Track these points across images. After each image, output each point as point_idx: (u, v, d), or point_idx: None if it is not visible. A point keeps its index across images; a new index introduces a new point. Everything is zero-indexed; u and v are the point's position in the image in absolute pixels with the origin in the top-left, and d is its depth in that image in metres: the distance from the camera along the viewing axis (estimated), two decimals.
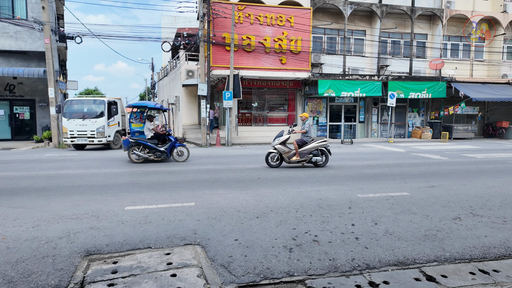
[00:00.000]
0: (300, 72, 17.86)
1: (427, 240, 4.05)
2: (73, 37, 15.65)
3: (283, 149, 9.37)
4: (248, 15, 17.01)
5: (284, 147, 9.42)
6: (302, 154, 9.38)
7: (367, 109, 20.90)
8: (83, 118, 13.74)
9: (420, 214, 5.05)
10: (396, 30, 20.72)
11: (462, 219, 4.83)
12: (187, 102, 22.47)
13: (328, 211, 5.16)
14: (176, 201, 5.76)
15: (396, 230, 4.37)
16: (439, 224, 4.61)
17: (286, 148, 9.46)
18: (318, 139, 9.67)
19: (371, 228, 4.43)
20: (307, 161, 9.43)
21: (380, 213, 5.10)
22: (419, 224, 4.60)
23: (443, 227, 4.49)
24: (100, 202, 5.67)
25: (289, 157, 9.38)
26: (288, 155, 9.38)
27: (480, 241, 4.05)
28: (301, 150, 9.39)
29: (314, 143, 9.46)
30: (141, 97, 61.52)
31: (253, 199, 5.89)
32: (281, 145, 9.41)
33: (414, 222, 4.71)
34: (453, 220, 4.81)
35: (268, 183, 7.32)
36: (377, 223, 4.65)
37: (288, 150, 9.42)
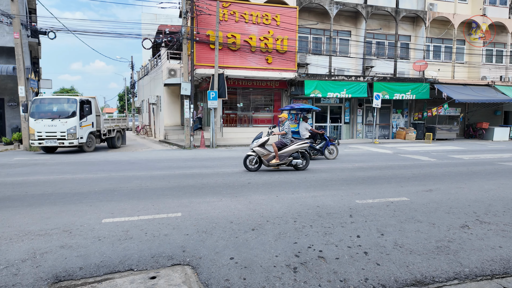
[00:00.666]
0: (286, 72, 17.52)
1: (441, 253, 3.70)
2: (46, 32, 14.62)
3: (262, 152, 8.88)
4: (233, 12, 16.51)
5: (263, 149, 8.93)
6: (281, 157, 8.93)
7: (352, 110, 20.84)
8: (52, 118, 12.67)
9: (426, 222, 4.73)
10: (381, 31, 20.78)
11: (470, 227, 4.54)
12: (169, 102, 21.69)
13: (328, 221, 4.75)
14: (160, 211, 5.20)
15: (406, 242, 4.00)
16: (448, 234, 4.29)
17: (265, 150, 8.97)
18: (298, 141, 9.26)
19: (378, 240, 4.05)
20: (287, 164, 8.99)
21: (384, 222, 4.74)
22: (428, 234, 4.27)
23: (454, 237, 4.17)
24: (73, 214, 5.03)
25: (268, 160, 8.91)
26: (267, 158, 8.92)
27: (497, 253, 3.74)
28: (281, 153, 8.93)
29: (294, 145, 9.02)
30: (120, 97, 59.73)
31: (246, 207, 5.41)
32: (260, 148, 8.91)
33: (422, 231, 4.37)
34: (461, 228, 4.50)
35: (259, 188, 6.85)
36: (383, 233, 4.28)
37: (267, 153, 8.93)
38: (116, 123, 16.67)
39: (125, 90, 50.55)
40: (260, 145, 8.94)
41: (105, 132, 14.85)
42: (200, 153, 13.49)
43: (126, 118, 18.58)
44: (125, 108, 52.19)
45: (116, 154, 13.23)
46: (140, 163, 10.53)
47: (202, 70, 16.34)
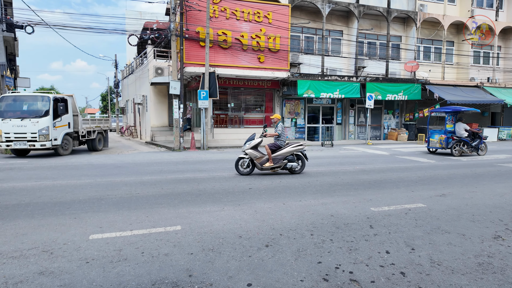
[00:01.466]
0: (279, 71, 17.05)
1: (487, 272, 3.25)
2: (23, 26, 13.59)
3: (255, 154, 8.34)
4: (224, 9, 15.91)
5: (255, 152, 8.38)
6: (276, 160, 8.40)
7: (344, 110, 20.58)
8: (21, 118, 11.49)
9: (455, 233, 4.29)
10: (372, 32, 20.63)
11: (504, 239, 4.12)
12: (156, 102, 20.83)
13: (349, 233, 4.25)
14: (156, 224, 4.57)
15: (442, 258, 3.54)
16: (484, 247, 3.85)
17: (258, 153, 8.42)
18: (293, 143, 8.73)
19: (411, 256, 3.57)
20: (281, 167, 8.46)
21: (409, 233, 4.28)
22: (462, 248, 3.82)
23: (492, 251, 3.74)
24: (55, 229, 4.33)
25: (261, 163, 8.38)
26: (261, 161, 8.38)
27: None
28: (275, 155, 8.41)
29: (289, 148, 8.51)
30: (103, 97, 57.93)
31: (253, 218, 4.85)
32: (253, 150, 8.37)
33: (455, 244, 3.92)
34: (495, 240, 4.09)
35: (262, 195, 6.29)
36: (414, 248, 3.81)
37: (260, 156, 8.40)
38: (97, 123, 15.71)
39: (108, 90, 48.97)
40: (253, 147, 8.40)
41: (84, 134, 13.74)
42: (191, 156, 12.81)
43: (109, 118, 17.55)
44: (108, 108, 50.58)
45: (100, 157, 12.38)
46: (127, 167, 9.78)
47: (192, 68, 15.66)
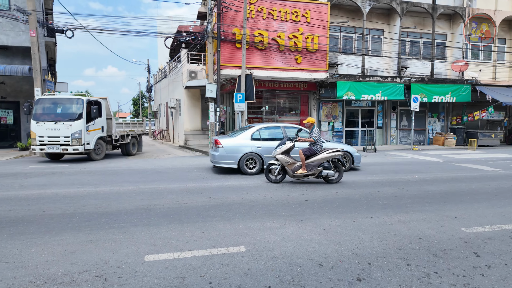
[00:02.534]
0: (317, 72, 16.25)
1: None
2: (63, 31, 13.73)
3: (286, 160, 7.63)
4: (260, 9, 15.37)
5: (287, 157, 7.68)
6: (309, 167, 7.63)
7: (386, 113, 19.40)
8: (55, 121, 11.18)
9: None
10: (415, 30, 19.35)
11: None
12: (189, 106, 20.62)
13: (453, 263, 3.44)
14: (215, 242, 3.97)
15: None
16: None
17: (290, 159, 7.71)
18: (329, 148, 7.89)
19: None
20: (315, 175, 7.68)
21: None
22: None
23: None
24: (105, 246, 3.84)
25: (293, 170, 7.65)
26: (293, 167, 7.66)
27: None
28: (309, 162, 7.64)
29: (325, 154, 7.66)
30: (134, 101, 59.37)
31: (324, 238, 4.14)
32: (284, 155, 7.68)
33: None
34: None
35: (323, 208, 5.57)
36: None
37: (292, 161, 7.68)
38: (131, 127, 15.38)
39: (139, 95, 50.04)
40: (284, 153, 7.70)
41: (117, 138, 13.37)
42: None
43: (143, 122, 17.37)
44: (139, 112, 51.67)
45: (139, 162, 12.13)
46: (167, 173, 9.38)
47: (227, 70, 15.21)
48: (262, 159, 9.12)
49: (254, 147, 9.11)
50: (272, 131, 9.49)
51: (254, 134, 9.28)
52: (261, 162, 9.12)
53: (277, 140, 9.04)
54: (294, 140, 7.87)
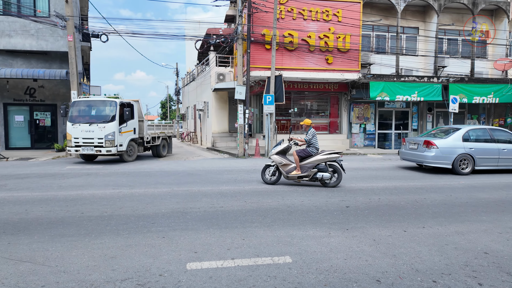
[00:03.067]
0: (348, 73, 15.74)
1: None
2: (98, 35, 14.13)
3: (280, 161, 7.47)
4: (290, 9, 15.12)
5: (281, 158, 7.52)
6: (304, 168, 7.40)
7: (421, 115, 18.49)
8: (89, 123, 11.39)
9: None
10: (453, 27, 18.35)
11: None
12: (217, 108, 20.66)
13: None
14: (258, 250, 3.73)
15: None
16: None
17: (285, 160, 7.57)
18: (326, 150, 7.59)
19: None
20: (310, 176, 7.37)
21: None
22: None
23: None
24: (145, 252, 3.71)
25: (287, 171, 7.47)
26: (287, 168, 7.49)
27: None
28: (303, 163, 7.40)
29: (320, 156, 7.36)
30: (162, 104, 60.80)
31: (376, 250, 3.79)
32: (278, 156, 7.51)
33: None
34: None
35: (368, 216, 5.20)
36: None
37: (286, 162, 7.51)
38: (161, 129, 15.49)
39: (167, 98, 51.18)
40: (279, 153, 7.54)
41: (148, 140, 13.48)
42: (258, 163, 12.07)
43: (173, 124, 17.53)
44: (167, 115, 52.82)
45: (170, 164, 12.18)
46: (199, 175, 9.29)
47: (256, 72, 15.05)
48: (474, 160, 9.40)
49: (467, 148, 9.38)
50: (479, 133, 9.85)
51: (465, 135, 9.57)
52: (473, 163, 9.41)
53: (485, 142, 9.58)
54: (289, 141, 7.69)
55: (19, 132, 16.52)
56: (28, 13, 14.77)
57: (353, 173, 9.56)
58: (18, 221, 4.84)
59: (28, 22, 14.30)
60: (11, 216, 5.09)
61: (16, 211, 5.38)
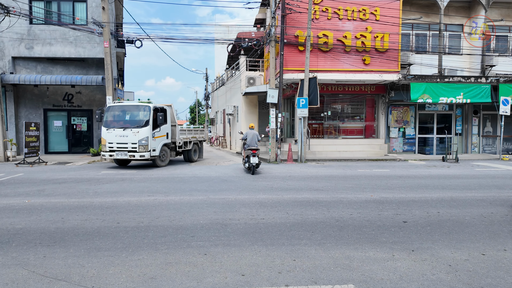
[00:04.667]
0: (387, 73, 14.87)
1: None
2: (132, 41, 14.30)
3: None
4: (325, 9, 14.54)
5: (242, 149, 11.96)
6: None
7: (466, 118, 17.15)
8: (124, 128, 11.36)
9: None
10: (503, 23, 16.91)
11: None
12: (247, 112, 20.37)
13: None
14: (315, 276, 3.24)
15: None
16: None
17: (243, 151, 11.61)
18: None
19: None
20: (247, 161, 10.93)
21: None
22: None
23: None
24: (187, 272, 3.32)
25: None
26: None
27: None
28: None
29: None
30: (191, 109, 61.78)
31: (456, 279, 3.18)
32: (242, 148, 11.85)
33: None
34: None
35: (432, 234, 4.54)
36: None
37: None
38: (193, 134, 15.36)
39: (196, 103, 51.90)
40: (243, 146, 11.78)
41: (180, 144, 13.33)
42: (293, 169, 11.55)
43: (204, 129, 17.39)
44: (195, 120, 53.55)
45: (203, 169, 11.94)
46: (233, 181, 8.93)
47: (289, 75, 14.58)
48: None
49: None
50: None
51: None
52: None
53: None
54: None
55: (58, 136, 17.07)
56: (67, 21, 15.25)
57: (400, 182, 8.80)
58: (54, 231, 4.65)
59: (67, 30, 14.74)
60: (48, 225, 4.93)
61: (53, 219, 5.23)
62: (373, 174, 10.41)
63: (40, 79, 14.84)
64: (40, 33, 15.31)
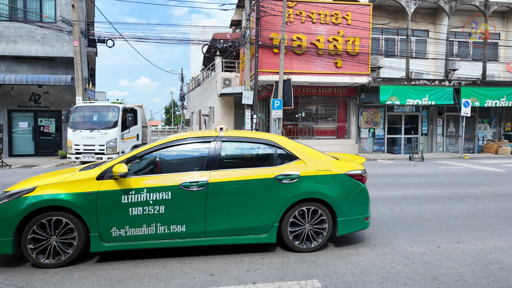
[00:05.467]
0: (358, 76, 15.39)
1: None
2: (104, 40, 13.94)
3: None
4: (299, 12, 14.85)
5: None
6: None
7: (431, 119, 18.05)
8: (91, 129, 11.00)
9: None
10: (465, 29, 17.95)
11: None
12: (223, 113, 20.38)
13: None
14: (282, 273, 3.36)
15: None
16: None
17: None
18: None
19: None
20: None
21: None
22: None
23: None
24: (155, 274, 3.34)
25: None
26: None
27: None
28: None
29: None
30: (167, 110, 60.83)
31: (413, 271, 3.41)
32: None
33: None
34: None
35: (394, 229, 4.80)
36: None
37: None
38: (166, 135, 15.23)
39: (171, 103, 51.17)
40: None
41: None
42: None
43: (178, 130, 17.24)
44: (171, 120, 52.79)
45: None
46: None
47: (264, 76, 14.76)
48: None
49: None
50: None
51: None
52: None
53: None
54: None
55: (23, 138, 16.30)
56: (34, 19, 14.63)
57: (368, 180, 9.14)
58: None
59: (34, 28, 14.15)
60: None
61: None
62: None
63: (4, 79, 14.14)
64: (4, 30, 14.59)
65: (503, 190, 7.80)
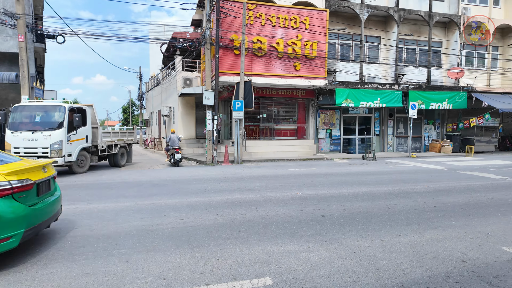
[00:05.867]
0: (316, 79, 15.94)
1: None
2: (54, 36, 13.08)
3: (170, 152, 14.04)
4: (259, 15, 15.04)
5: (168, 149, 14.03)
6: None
7: (383, 121, 19.20)
8: (33, 131, 10.23)
9: None
10: (412, 37, 19.35)
11: None
12: (184, 114, 20.05)
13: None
14: (235, 273, 3.43)
15: None
16: None
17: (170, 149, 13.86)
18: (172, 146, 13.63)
19: None
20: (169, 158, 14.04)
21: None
22: None
23: None
24: (105, 282, 3.26)
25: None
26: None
27: None
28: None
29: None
30: (124, 109, 58.33)
31: (358, 264, 3.65)
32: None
33: None
34: None
35: (344, 226, 5.09)
36: None
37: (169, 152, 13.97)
38: (119, 137, 14.43)
39: (129, 102, 49.14)
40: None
41: (104, 148, 12.50)
42: (228, 171, 11.73)
43: (134, 131, 16.54)
44: (129, 120, 50.70)
45: (133, 174, 11.46)
46: (166, 186, 8.78)
47: (225, 77, 14.76)
48: None
49: None
50: None
51: None
52: None
53: None
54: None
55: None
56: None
57: (324, 179, 9.56)
58: None
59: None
60: None
61: None
62: (302, 172, 11.12)
63: None
64: None
65: (442, 186, 8.55)
